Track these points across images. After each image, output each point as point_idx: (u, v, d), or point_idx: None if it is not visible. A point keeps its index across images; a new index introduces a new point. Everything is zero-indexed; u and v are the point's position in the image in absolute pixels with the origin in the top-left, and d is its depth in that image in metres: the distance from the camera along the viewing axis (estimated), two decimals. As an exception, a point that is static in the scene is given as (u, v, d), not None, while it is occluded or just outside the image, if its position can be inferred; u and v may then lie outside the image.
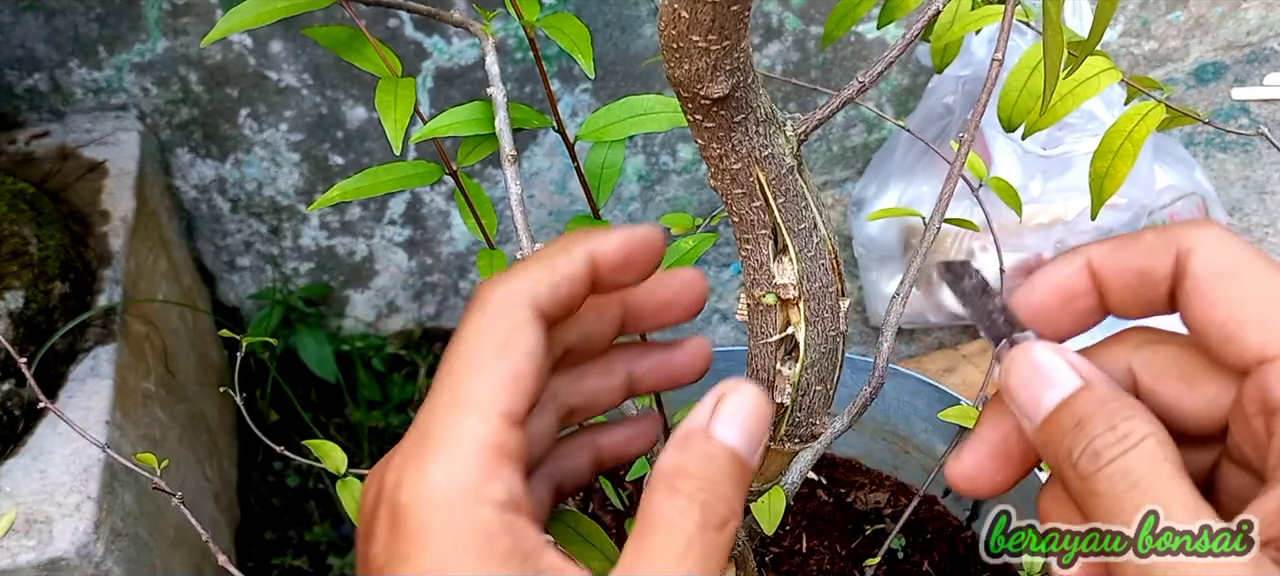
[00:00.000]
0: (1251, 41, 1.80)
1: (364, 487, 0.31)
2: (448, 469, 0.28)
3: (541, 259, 0.32)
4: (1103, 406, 0.28)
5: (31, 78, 1.24)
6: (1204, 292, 0.28)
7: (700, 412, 0.31)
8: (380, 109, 0.55)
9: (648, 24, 1.35)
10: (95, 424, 0.96)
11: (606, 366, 0.36)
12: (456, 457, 0.28)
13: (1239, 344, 0.27)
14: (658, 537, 0.28)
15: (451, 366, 0.30)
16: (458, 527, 0.27)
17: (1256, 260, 0.28)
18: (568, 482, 0.36)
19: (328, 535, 1.38)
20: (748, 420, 0.30)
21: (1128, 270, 0.30)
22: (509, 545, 0.27)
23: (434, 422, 0.29)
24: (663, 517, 0.28)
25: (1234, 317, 0.27)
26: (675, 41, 0.30)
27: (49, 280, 1.03)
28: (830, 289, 0.35)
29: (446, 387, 0.29)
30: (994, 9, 0.60)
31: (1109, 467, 0.27)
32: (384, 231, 1.47)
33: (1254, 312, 0.27)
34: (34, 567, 0.88)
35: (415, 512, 0.27)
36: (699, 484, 0.29)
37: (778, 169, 0.34)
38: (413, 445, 0.29)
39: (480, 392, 0.29)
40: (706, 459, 0.29)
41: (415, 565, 0.27)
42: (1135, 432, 0.27)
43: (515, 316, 0.30)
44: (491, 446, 0.28)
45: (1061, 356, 0.29)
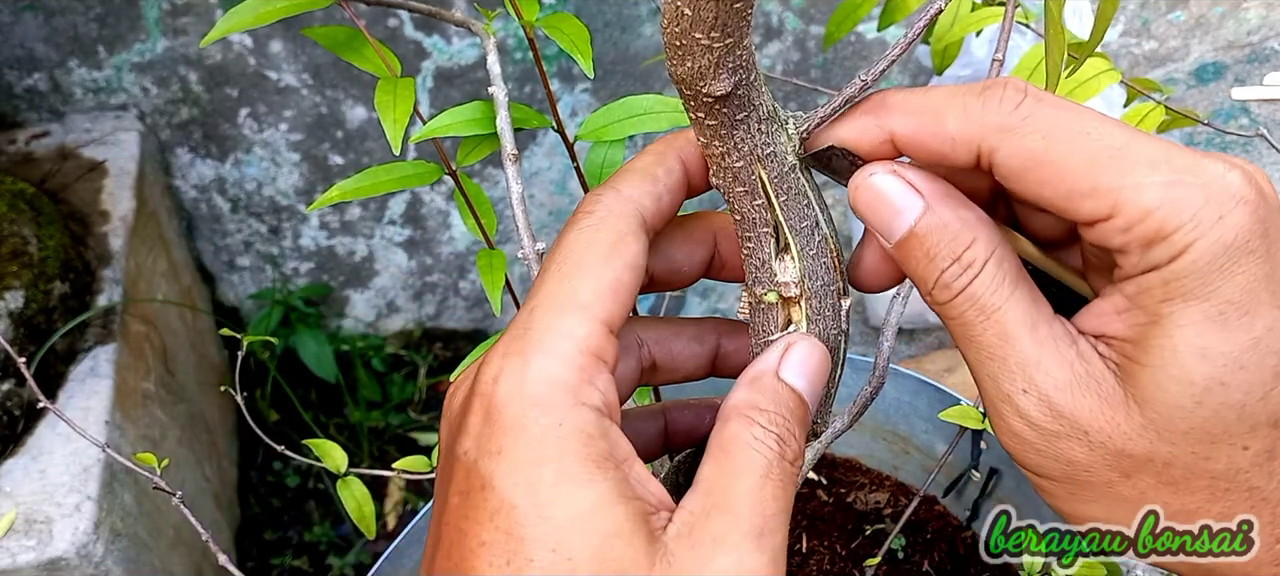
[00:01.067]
0: (1252, 41, 1.80)
1: (453, 387, 0.31)
2: (548, 366, 0.28)
3: (641, 170, 0.32)
4: (945, 232, 0.30)
5: (31, 78, 1.24)
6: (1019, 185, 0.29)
7: (769, 357, 0.32)
8: (380, 109, 0.55)
9: (648, 24, 1.35)
10: (95, 424, 0.96)
11: (699, 332, 0.36)
12: (557, 356, 0.28)
13: (1070, 215, 0.29)
14: (739, 460, 0.29)
15: (556, 266, 0.30)
16: (556, 426, 0.27)
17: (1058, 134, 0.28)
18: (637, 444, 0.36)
19: (328, 535, 1.38)
20: (812, 369, 0.32)
21: (930, 155, 0.31)
22: (604, 448, 0.28)
23: (535, 320, 0.29)
24: (743, 443, 0.29)
25: (1056, 199, 0.28)
26: (678, 39, 0.30)
27: (49, 280, 1.03)
28: (832, 288, 0.35)
29: (549, 286, 0.29)
30: (994, 10, 0.60)
31: (958, 299, 0.30)
32: (384, 231, 1.47)
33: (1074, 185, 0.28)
34: (34, 567, 0.88)
35: (514, 408, 0.27)
36: (773, 417, 0.30)
37: (780, 167, 0.34)
38: (512, 341, 0.29)
39: (583, 294, 0.29)
40: (777, 397, 0.31)
41: (510, 458, 0.27)
42: (977, 259, 0.30)
43: (622, 225, 0.30)
44: (591, 350, 0.28)
45: (902, 178, 0.31)
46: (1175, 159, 0.27)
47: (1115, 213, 0.28)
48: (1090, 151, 0.28)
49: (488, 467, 0.27)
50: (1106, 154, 0.28)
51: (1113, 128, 0.28)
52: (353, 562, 1.35)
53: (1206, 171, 0.27)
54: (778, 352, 0.32)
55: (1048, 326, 0.29)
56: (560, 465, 0.27)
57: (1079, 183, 0.28)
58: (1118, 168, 0.28)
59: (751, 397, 0.31)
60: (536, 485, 0.27)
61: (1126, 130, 0.28)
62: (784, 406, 0.31)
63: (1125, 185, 0.27)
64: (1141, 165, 0.27)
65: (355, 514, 0.67)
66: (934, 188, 0.31)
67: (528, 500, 0.27)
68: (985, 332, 0.29)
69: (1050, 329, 0.29)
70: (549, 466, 0.27)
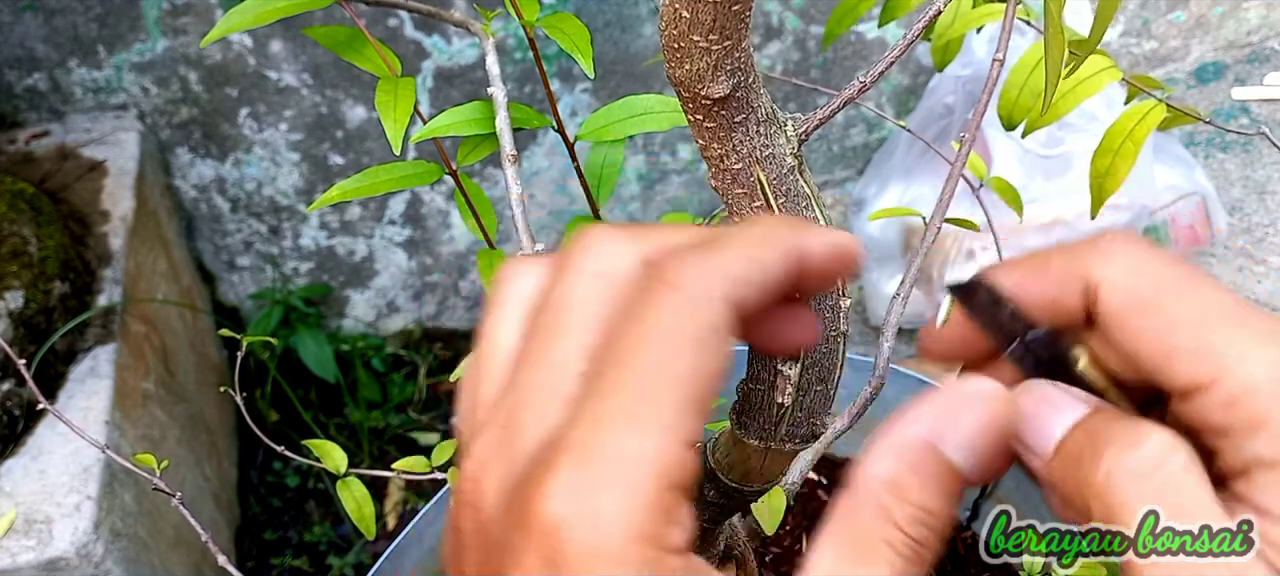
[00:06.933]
0: (1252, 41, 1.80)
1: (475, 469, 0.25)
2: (628, 511, 0.22)
3: (743, 244, 0.25)
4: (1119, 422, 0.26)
5: (31, 77, 1.24)
6: (1120, 330, 0.26)
7: (928, 416, 0.26)
8: (380, 109, 0.55)
9: (648, 24, 1.35)
10: (95, 424, 0.96)
11: None
12: (640, 494, 0.22)
13: (1166, 376, 0.26)
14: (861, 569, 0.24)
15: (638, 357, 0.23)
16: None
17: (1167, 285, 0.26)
18: None
19: (328, 535, 1.38)
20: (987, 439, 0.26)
21: (1039, 299, 0.28)
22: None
23: (608, 440, 0.23)
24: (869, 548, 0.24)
25: (1155, 354, 0.26)
26: (676, 41, 0.30)
27: (49, 280, 1.03)
28: (831, 288, 0.35)
29: (628, 388, 0.23)
30: (995, 8, 0.60)
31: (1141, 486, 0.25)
32: (384, 231, 1.47)
33: (1177, 342, 0.25)
34: (34, 567, 0.88)
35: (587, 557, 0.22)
36: (917, 516, 0.25)
37: (778, 169, 0.34)
38: (582, 464, 0.23)
39: (667, 407, 0.23)
40: (930, 483, 0.25)
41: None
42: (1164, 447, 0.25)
43: (713, 313, 0.24)
44: (678, 482, 0.23)
45: (1066, 392, 0.27)
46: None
47: (1217, 380, 0.24)
48: (1201, 308, 0.25)
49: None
50: (1218, 316, 0.25)
51: (1230, 296, 0.25)
52: (353, 562, 1.35)
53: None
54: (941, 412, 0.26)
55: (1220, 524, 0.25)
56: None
57: (1183, 338, 0.25)
58: (1228, 332, 0.25)
59: (899, 480, 0.25)
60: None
61: (1245, 304, 0.25)
62: (938, 499, 0.25)
63: (1233, 351, 0.24)
64: (1255, 333, 0.25)
65: (355, 514, 0.67)
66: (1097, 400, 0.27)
67: None
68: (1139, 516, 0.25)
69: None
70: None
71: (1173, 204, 1.39)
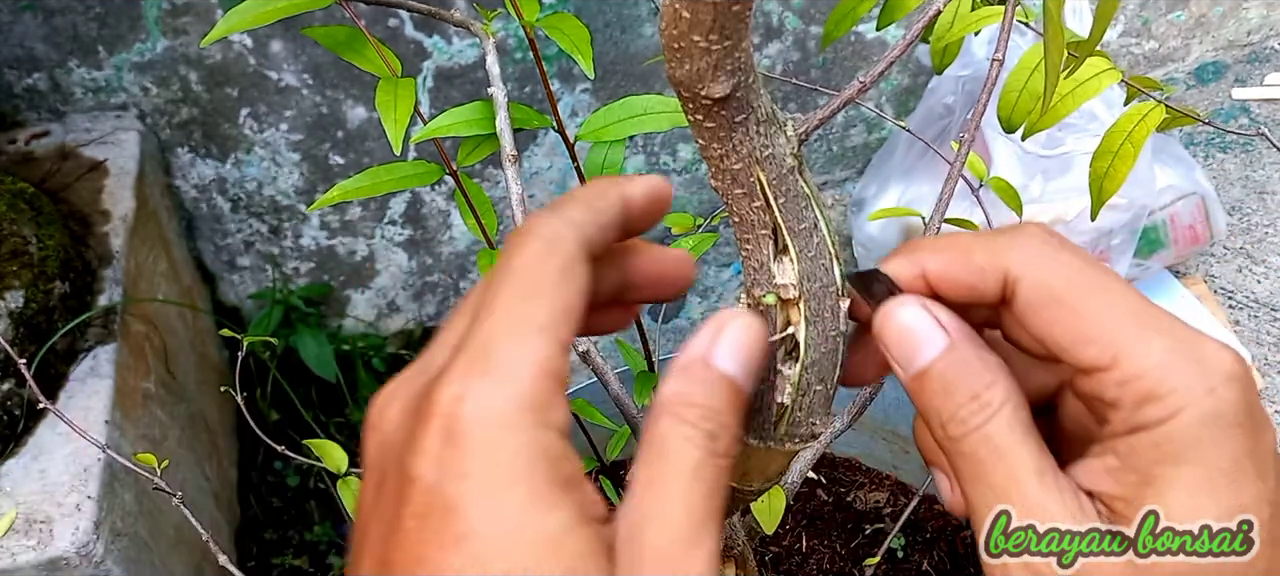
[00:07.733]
0: (1252, 41, 1.80)
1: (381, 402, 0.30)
2: (515, 389, 0.27)
3: (583, 200, 0.32)
4: (967, 369, 0.31)
5: (31, 77, 1.24)
6: (1034, 318, 0.31)
7: (700, 340, 0.32)
8: (380, 109, 0.55)
9: (648, 24, 1.35)
10: (95, 424, 0.96)
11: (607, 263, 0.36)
12: (523, 378, 0.28)
13: (1071, 357, 0.30)
14: (669, 463, 0.29)
15: (509, 287, 0.29)
16: (525, 447, 0.27)
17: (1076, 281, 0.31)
18: None
19: (328, 535, 1.38)
20: (745, 349, 0.32)
21: (959, 286, 0.33)
22: (569, 471, 0.28)
23: (496, 342, 0.28)
24: (671, 445, 0.29)
25: (1063, 340, 0.30)
26: (676, 41, 0.30)
27: (49, 280, 1.03)
28: (831, 289, 0.36)
29: (504, 307, 0.29)
30: (994, 9, 0.60)
31: (972, 435, 0.31)
32: (384, 231, 1.47)
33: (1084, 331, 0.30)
34: (34, 567, 0.88)
35: (481, 430, 0.27)
36: (703, 412, 0.30)
37: (778, 169, 0.34)
38: (473, 362, 0.28)
39: (542, 316, 0.29)
40: (708, 387, 0.31)
41: (478, 481, 0.27)
42: (994, 400, 0.31)
43: (571, 250, 0.30)
44: (554, 372, 0.28)
45: (929, 312, 0.32)
46: (1178, 330, 0.30)
47: (1115, 364, 0.29)
48: (1105, 304, 0.30)
49: (453, 491, 0.27)
50: (1119, 310, 0.30)
51: (1129, 291, 0.30)
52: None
53: (1204, 347, 0.29)
54: (709, 335, 0.32)
55: (1053, 476, 0.30)
56: (530, 487, 0.27)
57: (1088, 328, 0.30)
58: (1126, 324, 0.30)
59: (683, 390, 0.30)
60: (506, 508, 0.26)
61: (1141, 298, 0.30)
62: (716, 397, 0.31)
63: (1130, 340, 0.29)
64: (1148, 328, 0.30)
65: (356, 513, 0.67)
66: (959, 327, 0.32)
67: (498, 524, 0.26)
68: (994, 473, 0.30)
69: (1056, 478, 0.30)
70: (519, 488, 0.27)
71: (1172, 204, 1.39)
